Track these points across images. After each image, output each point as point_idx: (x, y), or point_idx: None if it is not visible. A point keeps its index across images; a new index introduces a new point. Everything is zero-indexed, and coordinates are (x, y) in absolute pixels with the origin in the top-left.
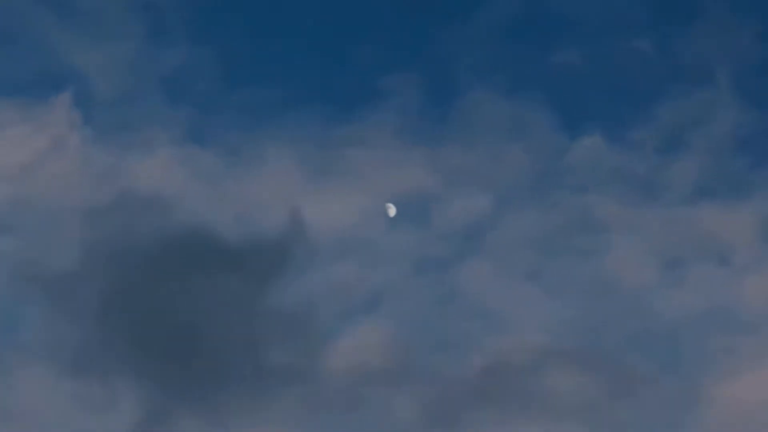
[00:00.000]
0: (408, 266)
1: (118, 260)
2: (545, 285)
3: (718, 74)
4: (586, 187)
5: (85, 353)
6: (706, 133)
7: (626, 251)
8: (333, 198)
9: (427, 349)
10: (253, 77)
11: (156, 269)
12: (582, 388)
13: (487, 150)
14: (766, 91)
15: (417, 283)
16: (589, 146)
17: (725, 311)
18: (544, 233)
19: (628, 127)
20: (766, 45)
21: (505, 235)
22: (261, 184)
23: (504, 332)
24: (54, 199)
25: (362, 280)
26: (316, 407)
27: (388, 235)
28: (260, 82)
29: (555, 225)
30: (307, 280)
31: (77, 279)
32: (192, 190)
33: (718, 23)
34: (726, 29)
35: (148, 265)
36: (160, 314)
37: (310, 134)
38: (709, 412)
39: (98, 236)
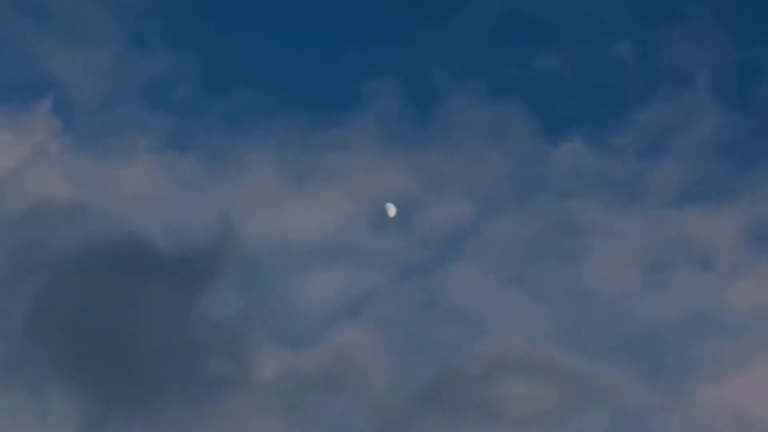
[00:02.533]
0: (390, 271)
1: (93, 266)
2: (528, 290)
3: (699, 78)
4: (567, 192)
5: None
6: (688, 137)
7: (608, 256)
8: (315, 203)
9: (409, 354)
10: (234, 83)
11: (136, 276)
12: (564, 392)
13: (469, 155)
14: (747, 94)
15: (399, 288)
16: (570, 151)
17: (709, 316)
18: (526, 238)
19: (609, 132)
20: (746, 48)
21: (487, 240)
22: (242, 190)
23: (487, 337)
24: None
25: (344, 286)
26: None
27: (371, 240)
28: (241, 87)
29: (537, 230)
30: (290, 285)
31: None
32: (173, 196)
33: (698, 27)
34: (706, 33)
35: (127, 272)
36: (137, 325)
37: (291, 139)
38: (692, 416)
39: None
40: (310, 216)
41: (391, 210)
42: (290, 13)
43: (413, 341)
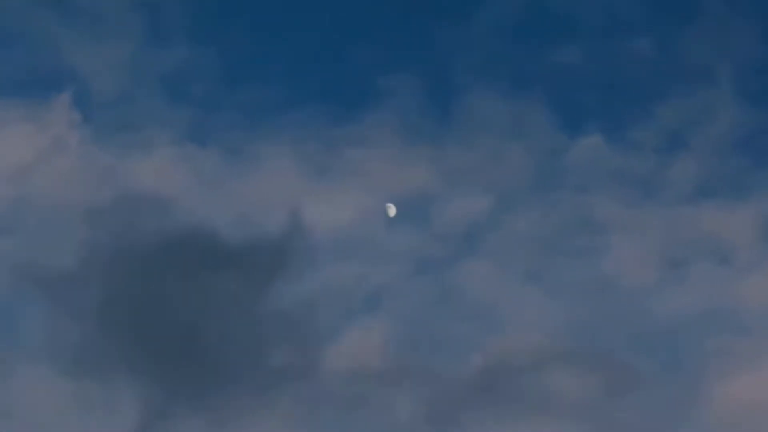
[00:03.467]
0: (408, 266)
1: (117, 260)
2: (545, 285)
3: (718, 74)
4: (586, 187)
5: (85, 353)
6: (706, 133)
7: (626, 251)
8: (333, 197)
9: (426, 349)
10: (252, 77)
11: (155, 269)
12: (581, 387)
13: (487, 150)
14: (766, 91)
15: (417, 283)
16: (589, 146)
17: (725, 311)
18: (543, 233)
19: (628, 127)
20: (765, 45)
21: (505, 235)
22: (261, 184)
23: (504, 332)
24: (54, 199)
25: (362, 280)
26: (316, 407)
27: (388, 234)
28: (260, 81)
29: (555, 225)
30: (307, 279)
31: (77, 279)
32: (192, 189)
33: (718, 23)
34: (726, 29)
35: (147, 265)
36: (160, 314)
37: (310, 134)
38: (708, 411)
39: (98, 236)
40: (327, 210)
41: (391, 210)
42: (309, 7)
43: (428, 335)
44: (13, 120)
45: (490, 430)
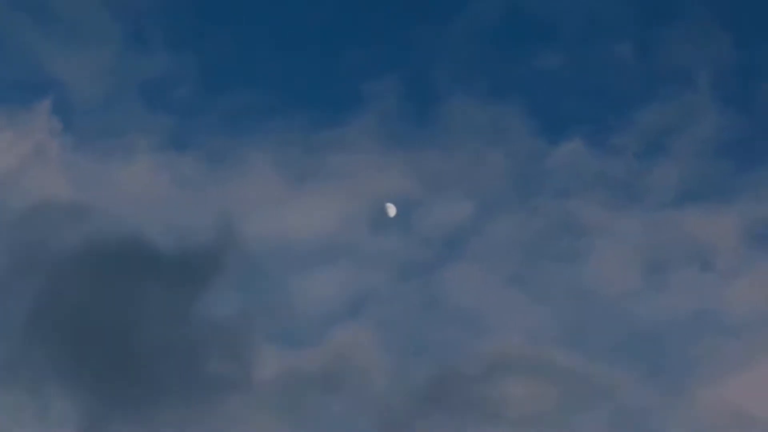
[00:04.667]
0: (390, 271)
1: (91, 267)
2: (527, 289)
3: (699, 78)
4: (567, 191)
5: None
6: (688, 137)
7: (608, 256)
8: (315, 203)
9: (409, 354)
10: (233, 82)
11: (136, 275)
12: (564, 392)
13: (468, 155)
14: (746, 94)
15: (399, 288)
16: (569, 151)
17: (708, 315)
18: (525, 238)
19: (608, 132)
20: (745, 48)
21: (487, 240)
22: (242, 190)
23: (486, 337)
24: (34, 205)
25: (344, 285)
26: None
27: (371, 239)
28: (241, 87)
29: (536, 230)
30: (290, 285)
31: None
32: (173, 196)
33: (698, 27)
34: (706, 33)
35: (127, 271)
36: (136, 323)
37: (291, 139)
38: (693, 415)
39: (71, 240)
40: (310, 216)
41: (391, 210)
42: (290, 12)
43: (413, 341)
44: None
45: None
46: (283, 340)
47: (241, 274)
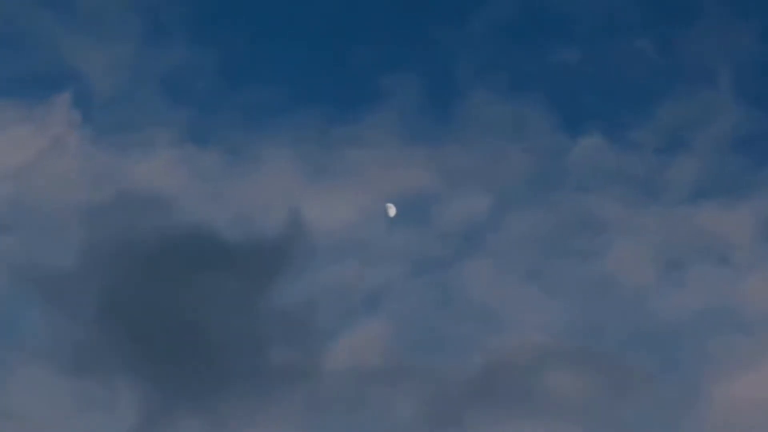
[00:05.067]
0: (408, 266)
1: (117, 260)
2: (545, 285)
3: (719, 74)
4: (586, 187)
5: (84, 353)
6: (707, 133)
7: (626, 251)
8: (333, 198)
9: (426, 349)
10: (252, 77)
11: (156, 269)
12: (581, 387)
13: (487, 150)
14: (766, 91)
15: (417, 283)
16: (589, 146)
17: (725, 311)
18: (544, 233)
19: (628, 127)
20: (765, 45)
21: (505, 235)
22: (261, 184)
23: (504, 332)
24: (53, 199)
25: (362, 280)
26: (317, 407)
27: (388, 235)
28: (260, 81)
29: (555, 225)
30: (307, 279)
31: (77, 279)
32: (192, 190)
33: (719, 23)
34: (726, 29)
35: (147, 265)
36: (160, 314)
37: (309, 134)
38: (708, 411)
39: (98, 236)
40: (327, 210)
41: (392, 210)
42: (309, 7)
43: (428, 336)
44: (12, 120)
45: (491, 430)
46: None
47: (261, 268)
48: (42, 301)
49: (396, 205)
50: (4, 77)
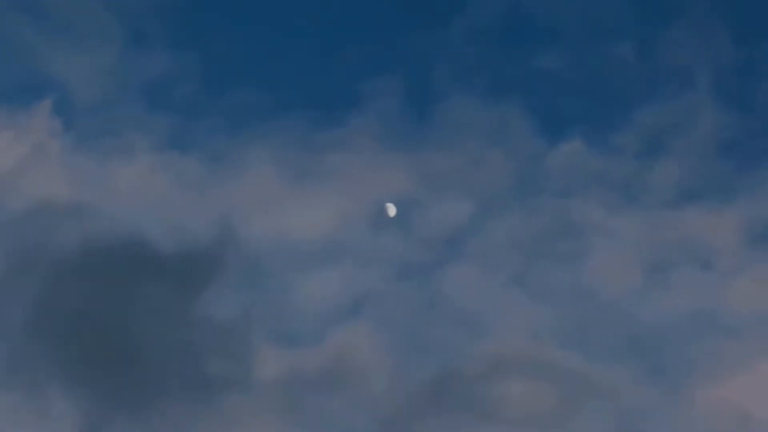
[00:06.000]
0: (390, 271)
1: (88, 267)
2: (528, 289)
3: (699, 78)
4: (567, 191)
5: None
6: (688, 136)
7: (608, 255)
8: (315, 202)
9: (409, 354)
10: (234, 83)
11: (135, 276)
12: (564, 392)
13: (468, 155)
14: (747, 93)
15: (399, 289)
16: (569, 151)
17: (709, 315)
18: (525, 238)
19: (609, 132)
20: (746, 48)
21: (487, 240)
22: (243, 190)
23: (487, 337)
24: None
25: (344, 286)
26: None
27: (371, 239)
28: (242, 87)
29: (537, 230)
30: (289, 285)
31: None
32: (173, 195)
33: (698, 27)
34: (706, 32)
35: (125, 272)
36: (136, 325)
37: (291, 139)
38: (693, 416)
39: (72, 241)
40: (310, 216)
41: (391, 210)
42: (291, 12)
43: (413, 341)
44: None
45: None
46: (283, 340)
47: (241, 274)
48: None
49: (378, 210)
50: None
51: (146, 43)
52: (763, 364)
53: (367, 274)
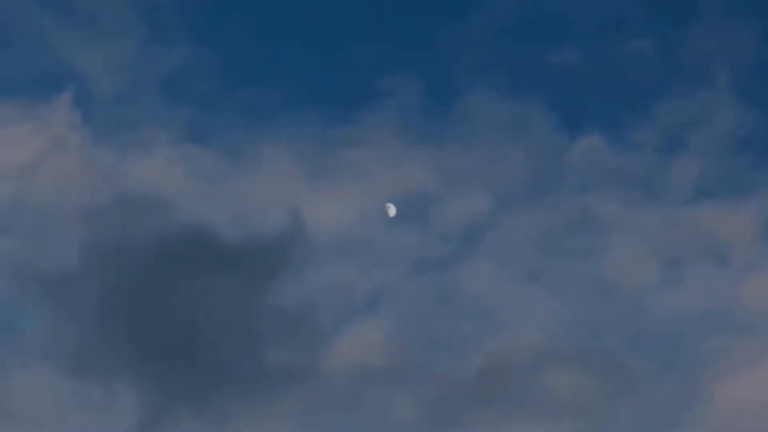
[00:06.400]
0: (407, 266)
1: (116, 261)
2: (545, 285)
3: (718, 74)
4: (585, 187)
5: (84, 353)
6: (706, 132)
7: (626, 251)
8: (332, 198)
9: (426, 349)
10: (252, 77)
11: (155, 269)
12: (581, 387)
13: (487, 150)
14: (765, 90)
15: (416, 283)
16: (588, 146)
17: (724, 311)
18: (543, 233)
19: (627, 127)
20: (764, 44)
21: (505, 235)
22: (260, 184)
23: (504, 332)
24: (54, 199)
25: (361, 280)
26: (316, 407)
27: (388, 235)
28: (259, 82)
29: (554, 225)
30: (307, 279)
31: (77, 279)
32: (191, 189)
33: (717, 23)
34: (725, 29)
35: (147, 265)
36: (159, 314)
37: (309, 134)
38: (707, 411)
39: (97, 236)
40: (326, 210)
41: (391, 210)
42: (309, 8)
43: (429, 335)
44: (13, 120)
45: (491, 430)
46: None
47: (259, 268)
48: (42, 302)
49: (395, 205)
50: (4, 77)
51: (165, 37)
52: None
53: (383, 269)
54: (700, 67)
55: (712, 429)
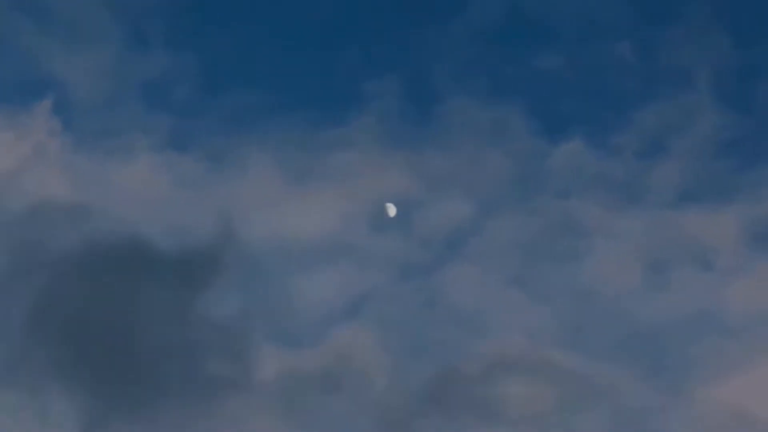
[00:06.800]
0: (390, 271)
1: (90, 267)
2: (528, 290)
3: (699, 78)
4: (567, 192)
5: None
6: (688, 137)
7: (608, 256)
8: (315, 203)
9: (408, 354)
10: (234, 82)
11: (134, 276)
12: (565, 392)
13: (469, 155)
14: (746, 94)
15: (399, 289)
16: (570, 151)
17: (708, 315)
18: (526, 238)
19: (609, 132)
20: (745, 48)
21: (488, 241)
22: (243, 190)
23: (487, 337)
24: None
25: (344, 286)
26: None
27: (371, 240)
28: (241, 87)
29: (537, 230)
30: (289, 285)
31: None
32: (173, 196)
33: (698, 27)
34: (706, 33)
35: (126, 271)
36: (137, 325)
37: (291, 139)
38: (692, 416)
39: (71, 241)
40: (310, 216)
41: (391, 210)
42: (291, 12)
43: (413, 341)
44: None
45: None
46: (283, 341)
47: (241, 274)
48: None
49: (378, 209)
50: None
51: (146, 43)
52: (763, 364)
53: (367, 274)
54: (682, 71)
55: None
